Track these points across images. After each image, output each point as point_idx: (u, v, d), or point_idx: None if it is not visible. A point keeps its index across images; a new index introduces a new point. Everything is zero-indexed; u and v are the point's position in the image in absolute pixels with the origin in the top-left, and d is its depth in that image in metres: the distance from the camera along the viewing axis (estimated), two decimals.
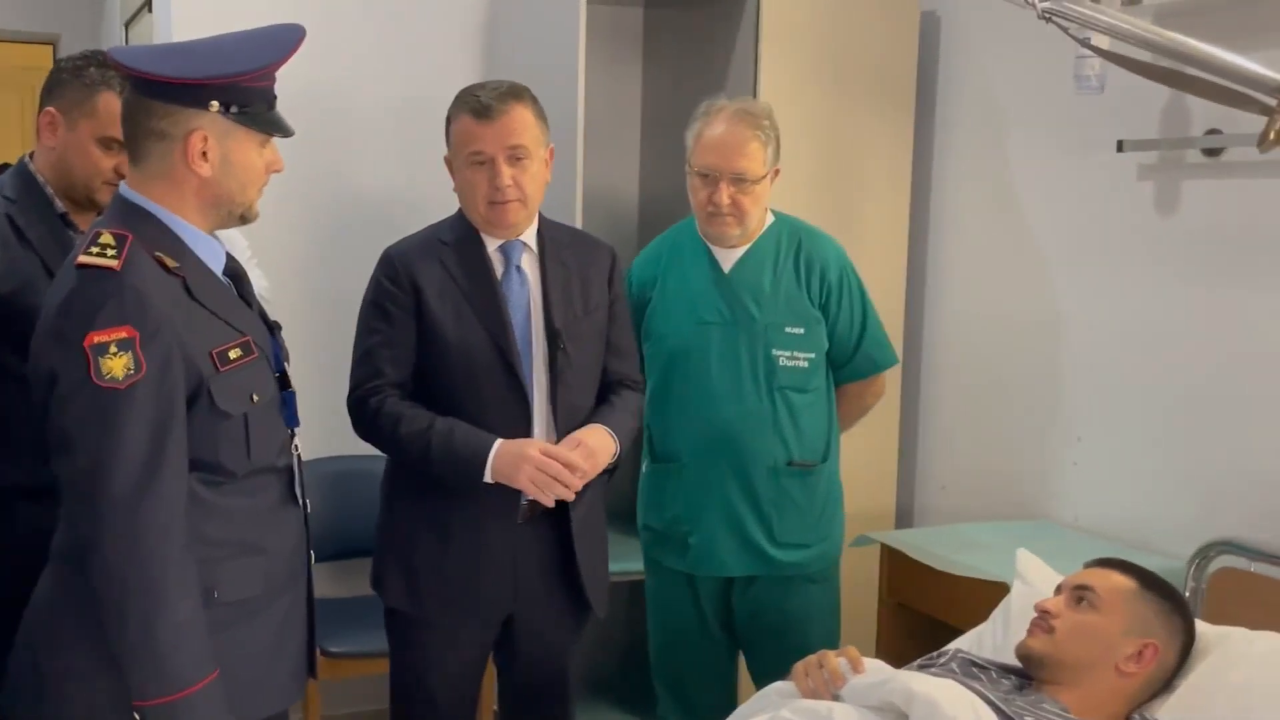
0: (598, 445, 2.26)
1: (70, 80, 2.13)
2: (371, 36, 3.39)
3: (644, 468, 2.73)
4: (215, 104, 1.73)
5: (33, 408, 1.70)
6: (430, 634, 2.33)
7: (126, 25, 4.48)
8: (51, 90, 2.16)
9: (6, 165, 2.27)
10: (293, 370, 2.27)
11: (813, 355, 2.58)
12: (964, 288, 3.38)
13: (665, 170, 3.51)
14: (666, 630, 2.74)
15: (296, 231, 3.35)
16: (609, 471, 2.35)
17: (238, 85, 1.74)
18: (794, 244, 2.61)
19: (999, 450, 3.26)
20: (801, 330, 2.57)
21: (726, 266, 2.60)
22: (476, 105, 2.25)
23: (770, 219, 2.64)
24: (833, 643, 2.55)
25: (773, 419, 2.56)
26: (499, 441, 2.21)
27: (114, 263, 1.66)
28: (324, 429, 2.71)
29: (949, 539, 2.96)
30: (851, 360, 2.65)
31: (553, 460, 2.18)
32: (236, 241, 3.12)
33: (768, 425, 2.56)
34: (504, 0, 3.42)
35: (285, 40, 1.78)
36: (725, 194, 2.48)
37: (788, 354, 2.56)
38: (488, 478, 2.20)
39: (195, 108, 1.72)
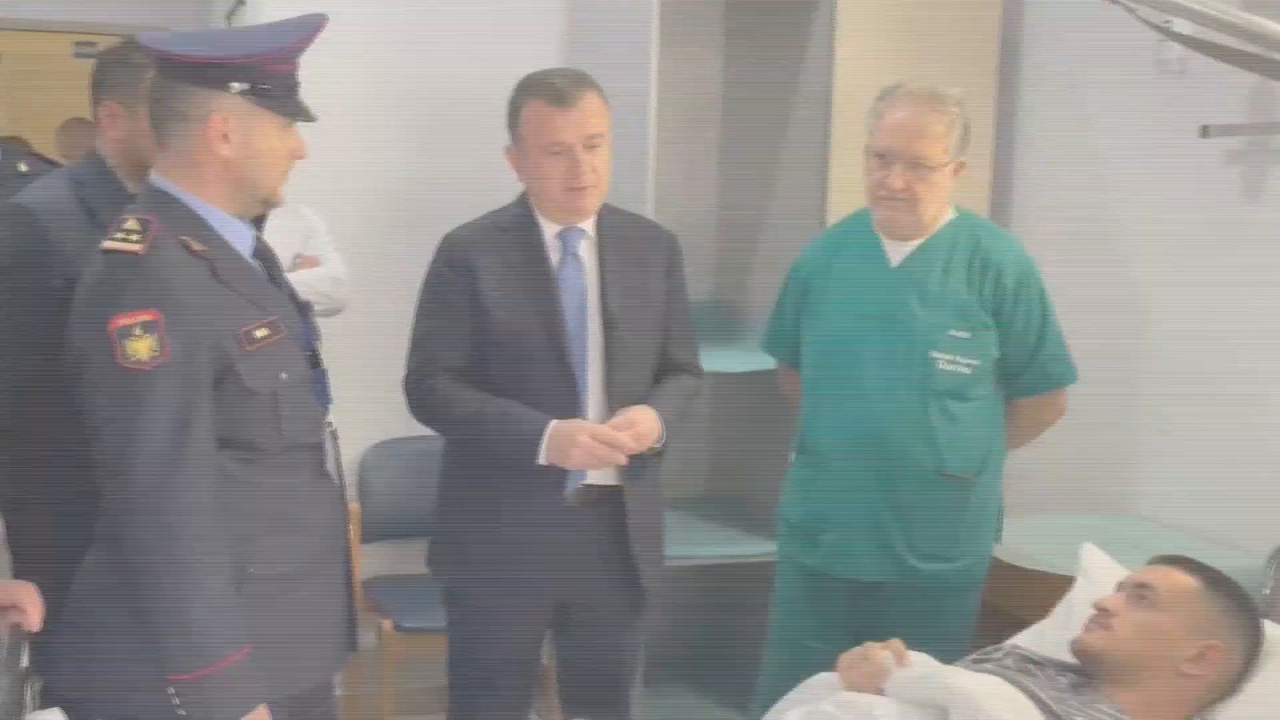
0: (646, 429, 2.27)
1: (119, 70, 2.14)
2: (454, 22, 3.42)
3: (792, 458, 2.62)
4: (235, 85, 1.77)
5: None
6: (481, 613, 2.37)
7: (228, 18, 4.59)
8: (103, 83, 2.16)
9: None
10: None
11: (976, 362, 2.40)
12: (1043, 271, 3.29)
13: (747, 165, 3.39)
14: (786, 625, 2.63)
15: (372, 218, 3.40)
16: (658, 454, 2.35)
17: (258, 67, 1.78)
18: (972, 243, 2.43)
19: (1078, 440, 3.15)
20: (967, 334, 2.39)
21: (895, 260, 2.44)
22: (553, 92, 2.23)
23: (951, 214, 2.47)
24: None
25: (925, 424, 2.39)
26: (552, 424, 2.22)
27: (137, 247, 1.71)
28: (398, 409, 2.75)
29: (1021, 531, 2.90)
30: (1026, 373, 2.48)
31: (601, 444, 2.20)
32: (317, 227, 3.22)
33: (919, 430, 2.40)
34: None
35: (305, 27, 1.82)
36: (899, 178, 2.33)
37: (948, 358, 2.39)
38: (542, 460, 2.23)
39: (215, 89, 1.77)
